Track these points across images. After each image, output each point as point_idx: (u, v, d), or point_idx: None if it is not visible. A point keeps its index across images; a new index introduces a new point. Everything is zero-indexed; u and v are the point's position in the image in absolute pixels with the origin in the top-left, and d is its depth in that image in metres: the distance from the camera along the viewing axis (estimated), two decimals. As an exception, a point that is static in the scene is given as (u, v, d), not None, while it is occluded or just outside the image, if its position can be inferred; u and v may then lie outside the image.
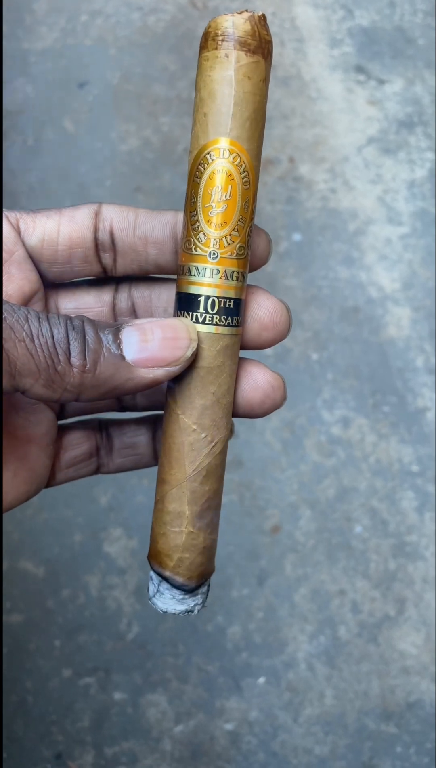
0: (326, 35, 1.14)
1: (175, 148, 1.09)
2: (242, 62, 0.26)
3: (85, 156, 1.09)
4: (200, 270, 0.27)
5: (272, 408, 0.30)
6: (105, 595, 0.90)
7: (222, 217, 0.26)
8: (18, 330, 0.24)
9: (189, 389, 0.27)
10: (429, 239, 1.04)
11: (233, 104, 0.26)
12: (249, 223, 0.27)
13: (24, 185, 1.08)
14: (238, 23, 0.26)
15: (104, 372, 0.25)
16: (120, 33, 1.15)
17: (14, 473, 0.29)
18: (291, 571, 0.91)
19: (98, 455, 0.33)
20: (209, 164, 0.26)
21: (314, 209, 1.05)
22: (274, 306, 0.29)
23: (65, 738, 0.86)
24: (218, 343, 0.27)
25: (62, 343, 0.24)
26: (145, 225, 0.29)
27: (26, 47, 1.15)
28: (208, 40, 0.26)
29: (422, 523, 0.93)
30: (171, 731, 0.86)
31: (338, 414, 0.97)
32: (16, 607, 0.90)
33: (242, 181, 0.26)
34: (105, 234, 0.29)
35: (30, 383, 0.24)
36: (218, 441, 0.28)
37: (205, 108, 0.26)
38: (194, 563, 0.28)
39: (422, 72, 1.12)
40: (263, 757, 0.85)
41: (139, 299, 0.31)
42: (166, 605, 0.29)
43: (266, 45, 0.26)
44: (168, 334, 0.26)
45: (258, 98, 0.26)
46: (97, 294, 0.31)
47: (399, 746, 0.86)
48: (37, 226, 0.28)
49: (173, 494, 0.28)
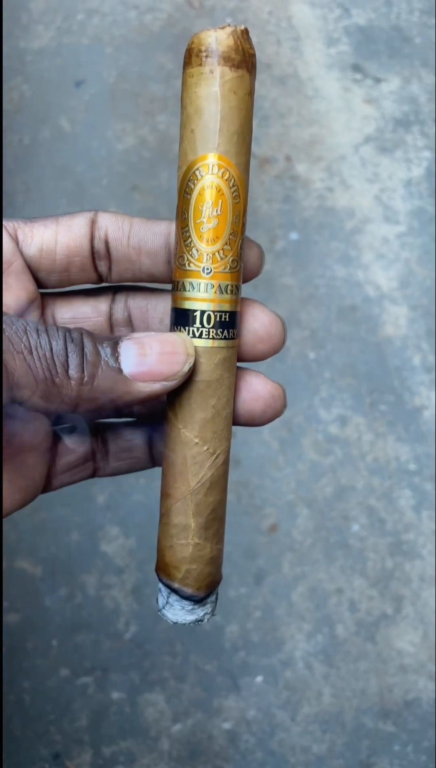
0: (322, 34, 1.14)
1: (172, 147, 1.09)
2: (226, 77, 0.26)
3: (82, 155, 1.09)
4: (195, 285, 0.27)
5: (273, 417, 0.30)
6: (102, 595, 0.90)
7: (214, 232, 0.26)
8: (16, 342, 0.24)
9: (189, 403, 0.28)
10: (426, 238, 1.04)
11: (219, 120, 0.26)
12: (241, 237, 0.27)
13: (20, 184, 1.07)
14: (221, 38, 0.26)
15: (102, 385, 0.25)
16: (116, 32, 1.15)
17: (9, 481, 0.29)
18: (289, 570, 0.91)
19: (94, 459, 0.33)
20: (199, 180, 0.26)
21: (311, 208, 1.05)
22: (269, 319, 0.29)
23: (63, 737, 0.86)
24: (216, 357, 0.27)
25: (60, 356, 0.24)
26: (139, 235, 0.29)
27: (23, 46, 1.14)
28: (193, 56, 0.26)
29: (420, 521, 0.93)
30: (169, 730, 0.86)
31: (336, 413, 0.97)
32: (14, 606, 0.89)
33: (232, 196, 0.26)
34: (100, 243, 0.29)
35: (27, 395, 0.24)
36: (220, 452, 0.28)
37: (192, 124, 0.26)
38: (202, 574, 0.28)
39: (418, 71, 1.12)
40: (261, 756, 0.86)
41: (136, 310, 0.31)
42: (176, 616, 0.29)
43: (249, 59, 0.26)
44: (166, 348, 0.26)
45: (244, 112, 0.26)
46: (94, 304, 0.31)
47: (397, 744, 0.86)
48: (35, 235, 0.28)
49: (178, 507, 0.28)
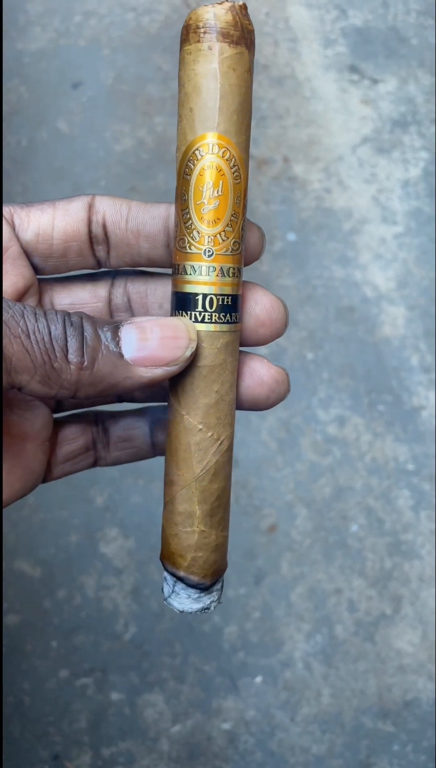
0: (319, 35, 1.14)
1: (170, 148, 1.09)
2: (225, 54, 0.25)
3: (80, 156, 1.09)
4: (196, 268, 0.26)
5: (276, 401, 0.30)
6: (101, 596, 0.90)
7: (215, 213, 0.26)
8: (14, 326, 0.23)
9: (192, 389, 0.27)
10: (423, 238, 1.04)
11: (219, 98, 0.25)
12: (242, 218, 0.27)
13: (18, 186, 1.07)
14: (219, 14, 0.25)
15: (102, 370, 0.25)
16: (114, 33, 1.15)
17: (9, 470, 0.28)
18: (288, 571, 0.91)
19: (95, 449, 0.32)
20: (199, 160, 0.26)
21: (308, 209, 1.06)
22: (271, 302, 0.29)
23: (62, 739, 0.86)
24: (219, 341, 0.27)
25: (60, 340, 0.24)
26: (138, 218, 0.28)
27: (20, 48, 1.14)
28: (190, 32, 0.25)
29: (418, 521, 0.93)
30: (168, 731, 0.86)
31: (334, 413, 0.97)
32: (13, 608, 0.89)
33: (233, 176, 0.26)
34: (98, 227, 0.28)
35: (26, 380, 0.24)
36: (224, 438, 0.28)
37: (190, 103, 0.26)
38: (208, 562, 0.28)
39: (415, 71, 1.12)
40: (261, 757, 0.85)
41: (135, 294, 0.31)
42: (183, 605, 0.29)
43: (248, 35, 0.25)
44: (167, 333, 0.25)
45: (244, 90, 0.26)
46: (92, 289, 0.31)
47: (396, 744, 0.86)
48: (31, 220, 0.28)
49: (183, 495, 0.28)
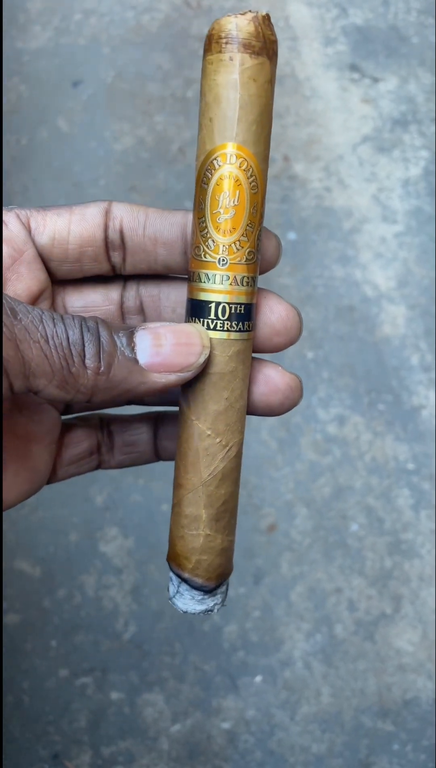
0: (320, 34, 1.14)
1: (170, 147, 1.09)
2: (246, 65, 0.25)
3: (80, 155, 1.09)
4: (210, 276, 0.26)
5: (290, 407, 0.30)
6: (101, 595, 0.90)
7: (231, 223, 0.26)
8: (33, 331, 0.24)
9: (202, 395, 0.27)
10: (424, 237, 1.04)
11: (238, 108, 0.25)
12: (258, 228, 0.27)
13: (18, 185, 1.07)
14: (241, 25, 0.25)
15: (117, 375, 0.25)
16: (114, 32, 1.15)
17: (15, 472, 0.29)
18: (287, 570, 0.91)
19: (99, 452, 0.33)
20: (216, 170, 0.26)
21: (308, 208, 1.05)
22: (286, 311, 0.29)
23: (62, 738, 0.86)
24: (230, 349, 0.27)
25: (77, 345, 0.24)
26: (155, 225, 0.28)
27: (20, 46, 1.14)
28: (212, 42, 0.26)
29: (418, 520, 0.93)
30: (168, 730, 0.86)
31: (334, 412, 0.97)
32: (12, 607, 0.89)
33: (250, 186, 0.26)
34: (115, 233, 0.28)
35: (43, 384, 0.24)
36: (233, 445, 0.28)
37: (210, 113, 0.26)
38: (212, 565, 0.29)
39: (416, 70, 1.12)
40: (260, 756, 0.85)
41: (148, 298, 0.31)
42: (187, 606, 0.29)
43: (270, 45, 0.25)
44: (181, 339, 0.26)
45: (264, 100, 0.26)
46: (104, 292, 0.31)
47: (396, 744, 0.86)
48: (47, 224, 0.28)
49: (190, 498, 0.28)
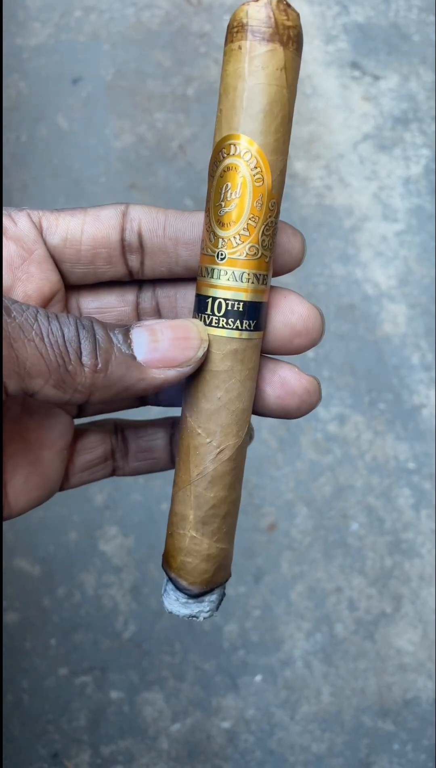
0: (321, 31, 1.14)
1: (170, 144, 1.09)
2: (254, 53, 0.24)
3: (80, 153, 1.08)
4: (209, 270, 0.26)
5: (308, 411, 0.29)
6: (101, 594, 0.90)
7: (229, 216, 0.25)
8: (27, 329, 0.23)
9: (195, 392, 0.27)
10: (424, 236, 1.04)
11: (245, 98, 0.25)
12: (264, 222, 0.26)
13: (17, 182, 1.07)
14: (252, 12, 0.24)
15: (116, 372, 0.24)
16: (114, 29, 1.15)
17: (26, 478, 0.28)
18: (287, 569, 0.91)
19: (114, 458, 0.32)
20: (221, 162, 0.25)
21: (309, 206, 1.05)
22: (307, 312, 0.28)
23: (62, 737, 0.86)
24: (225, 347, 0.26)
25: (73, 342, 0.24)
26: (176, 225, 0.28)
27: (19, 43, 1.14)
28: (228, 32, 0.25)
29: (419, 520, 0.93)
30: (168, 730, 0.86)
31: (334, 411, 0.96)
32: (12, 606, 0.89)
33: (254, 178, 0.25)
34: (133, 235, 0.28)
35: (40, 384, 0.23)
36: (226, 448, 0.27)
37: (221, 104, 0.25)
38: (197, 569, 0.27)
39: (417, 68, 1.12)
40: (260, 755, 0.85)
41: (164, 299, 0.30)
42: (171, 606, 0.28)
43: (284, 31, 0.24)
44: (178, 334, 0.25)
45: (275, 89, 0.25)
46: (120, 294, 0.30)
47: (396, 743, 0.86)
48: (60, 224, 0.27)
49: (179, 496, 0.27)
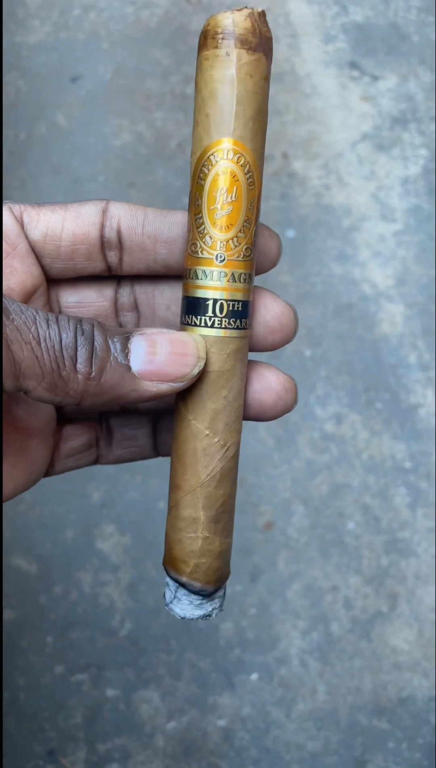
0: (320, 31, 1.14)
1: (169, 143, 1.09)
2: (243, 60, 0.25)
3: (78, 151, 1.08)
4: (208, 273, 0.26)
5: (283, 411, 0.29)
6: (98, 592, 0.90)
7: (228, 219, 0.26)
8: (25, 332, 0.24)
9: (200, 394, 0.27)
10: (423, 236, 1.04)
11: (235, 104, 0.25)
12: (254, 224, 0.27)
13: (16, 180, 1.07)
14: (238, 20, 0.25)
15: (109, 381, 0.25)
16: (113, 27, 1.15)
17: (13, 465, 0.28)
18: (284, 568, 0.91)
19: (98, 446, 0.32)
20: (213, 165, 0.26)
21: (307, 205, 1.05)
22: (281, 309, 0.29)
23: (58, 735, 0.86)
24: (228, 347, 0.27)
25: (69, 348, 0.24)
26: (155, 224, 0.28)
27: (18, 41, 1.14)
28: (208, 38, 0.25)
29: (415, 519, 0.93)
30: (164, 727, 0.86)
31: (331, 410, 0.97)
32: (8, 603, 0.89)
33: (247, 182, 0.26)
34: (112, 231, 0.28)
35: (33, 385, 0.24)
36: (231, 445, 0.28)
37: (206, 108, 0.26)
38: (211, 568, 0.28)
39: (415, 68, 1.12)
40: (256, 753, 0.86)
41: (142, 295, 0.31)
42: (184, 611, 0.29)
43: (266, 42, 0.26)
44: (176, 349, 0.25)
45: (260, 97, 0.26)
46: (99, 288, 0.30)
47: (391, 742, 0.86)
48: (41, 220, 0.28)
49: (188, 500, 0.28)
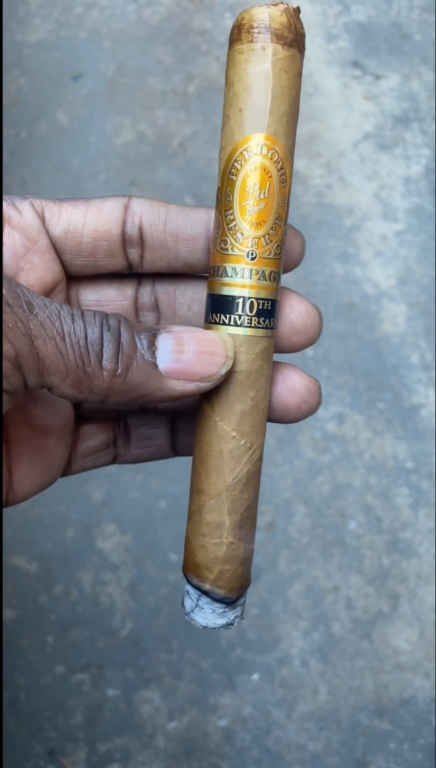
0: (322, 30, 1.14)
1: (170, 141, 1.09)
2: (279, 56, 0.25)
3: (80, 149, 1.08)
4: (238, 271, 0.26)
5: (307, 413, 0.29)
6: (98, 591, 0.90)
7: (260, 215, 0.26)
8: (49, 327, 0.23)
9: (227, 395, 0.26)
10: (424, 236, 1.04)
11: (270, 99, 0.25)
12: (285, 222, 0.26)
13: (17, 179, 1.07)
14: (274, 15, 0.25)
15: (135, 379, 0.24)
16: (115, 25, 1.15)
17: (29, 464, 0.28)
18: (285, 568, 0.91)
19: (115, 445, 0.32)
20: (246, 161, 0.25)
21: (309, 205, 1.05)
22: (306, 310, 0.28)
23: (58, 734, 0.85)
24: (257, 347, 0.26)
25: (95, 344, 0.24)
26: (177, 221, 0.28)
27: (20, 39, 1.13)
28: (242, 32, 0.25)
29: (416, 519, 0.93)
30: (164, 727, 0.86)
31: (333, 410, 0.96)
32: (9, 602, 0.89)
33: (280, 179, 0.26)
34: (133, 228, 0.28)
35: (57, 382, 0.24)
36: (257, 447, 0.27)
37: (240, 103, 0.25)
38: (235, 575, 0.27)
39: (418, 68, 1.12)
40: (257, 753, 0.85)
41: (163, 294, 0.30)
42: (207, 620, 0.28)
43: (300, 38, 0.25)
44: (205, 348, 0.25)
45: (294, 93, 0.25)
46: (119, 287, 0.30)
47: (392, 742, 0.86)
48: (62, 215, 0.27)
49: (212, 504, 0.27)
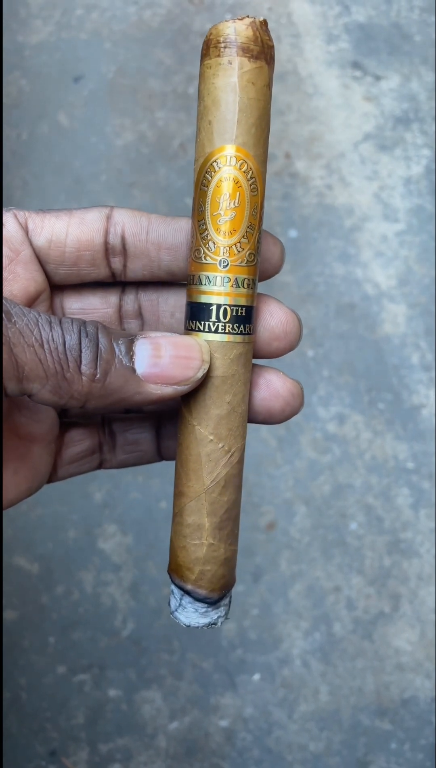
0: (322, 31, 1.14)
1: (171, 143, 1.09)
2: (245, 68, 0.25)
3: (80, 151, 1.08)
4: (211, 279, 0.27)
5: (291, 415, 0.30)
6: (99, 592, 0.90)
7: (231, 224, 0.26)
8: (27, 335, 0.24)
9: (204, 399, 0.27)
10: (425, 236, 1.04)
11: (237, 111, 0.26)
12: (258, 230, 0.27)
13: (18, 180, 1.07)
14: (240, 29, 0.25)
15: (113, 383, 0.25)
16: (115, 27, 1.15)
17: (15, 471, 0.28)
18: (286, 568, 0.91)
19: (101, 451, 0.32)
20: (216, 172, 0.26)
21: (310, 205, 1.05)
22: (286, 316, 0.29)
23: (60, 735, 0.86)
24: (232, 352, 0.27)
25: (74, 350, 0.24)
26: (159, 230, 0.28)
27: (21, 40, 1.14)
28: (210, 47, 0.26)
29: (417, 519, 0.93)
30: (166, 728, 0.86)
31: (334, 411, 0.96)
32: (10, 603, 0.89)
33: (250, 188, 0.26)
34: (116, 238, 0.28)
35: (37, 388, 0.24)
36: (235, 450, 0.28)
37: (209, 116, 0.26)
38: (216, 575, 0.28)
39: (418, 68, 1.12)
40: (258, 754, 0.85)
41: (146, 302, 0.31)
42: (189, 619, 0.28)
43: (268, 50, 0.26)
44: (181, 352, 0.26)
45: (262, 104, 0.26)
46: (103, 295, 0.30)
47: (394, 742, 0.86)
48: (45, 226, 0.28)
49: (192, 506, 0.28)
